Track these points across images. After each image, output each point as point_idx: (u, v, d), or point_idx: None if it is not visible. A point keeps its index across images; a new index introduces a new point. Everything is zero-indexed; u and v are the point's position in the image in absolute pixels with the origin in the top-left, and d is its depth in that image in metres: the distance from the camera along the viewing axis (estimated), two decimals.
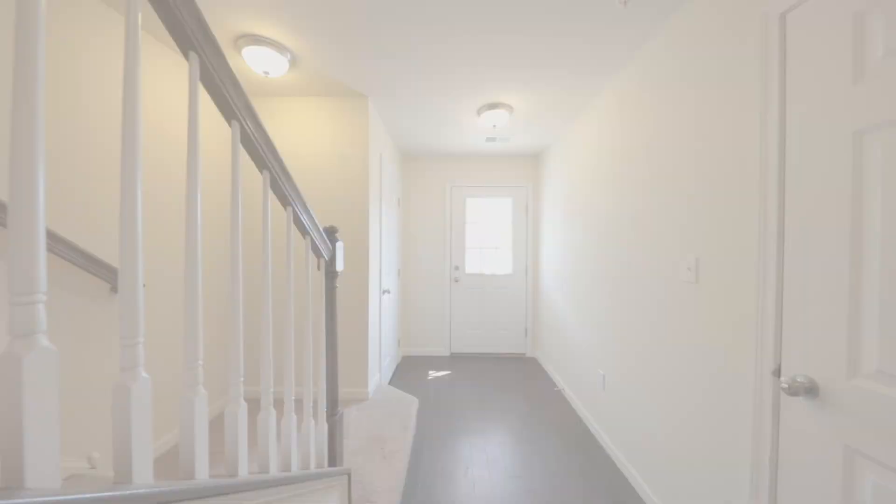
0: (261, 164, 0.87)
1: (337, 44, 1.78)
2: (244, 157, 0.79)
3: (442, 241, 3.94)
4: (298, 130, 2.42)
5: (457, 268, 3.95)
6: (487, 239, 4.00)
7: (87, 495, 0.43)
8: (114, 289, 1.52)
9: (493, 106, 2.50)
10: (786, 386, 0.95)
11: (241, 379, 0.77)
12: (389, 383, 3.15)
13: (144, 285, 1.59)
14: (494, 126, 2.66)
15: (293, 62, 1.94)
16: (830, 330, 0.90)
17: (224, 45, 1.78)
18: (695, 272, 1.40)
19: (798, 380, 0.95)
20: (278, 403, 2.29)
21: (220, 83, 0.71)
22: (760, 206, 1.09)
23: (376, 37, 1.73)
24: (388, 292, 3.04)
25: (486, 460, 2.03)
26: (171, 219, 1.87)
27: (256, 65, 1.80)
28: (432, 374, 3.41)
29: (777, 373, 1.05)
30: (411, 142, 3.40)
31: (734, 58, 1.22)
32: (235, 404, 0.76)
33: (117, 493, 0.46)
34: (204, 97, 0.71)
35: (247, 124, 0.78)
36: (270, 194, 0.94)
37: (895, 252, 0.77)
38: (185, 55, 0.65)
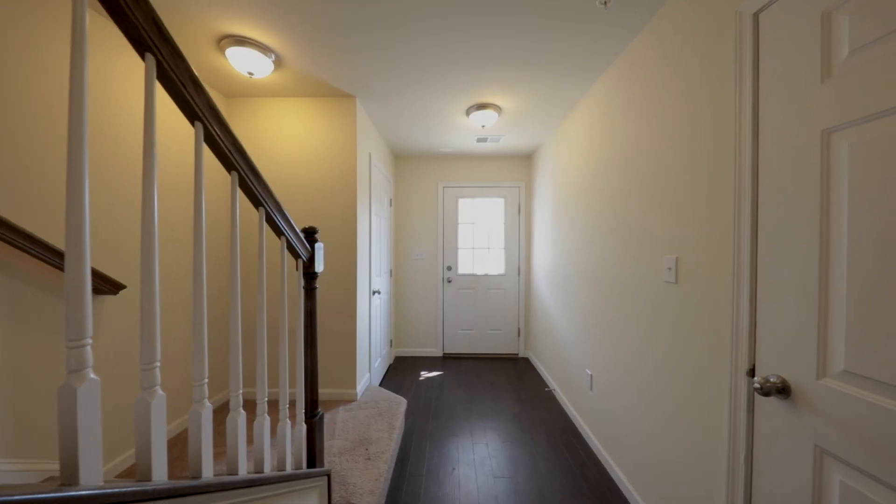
0: (228, 165, 0.87)
1: (321, 45, 1.78)
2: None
3: (434, 242, 3.94)
4: (285, 131, 2.42)
5: (449, 268, 3.95)
6: (480, 239, 4.00)
7: (22, 497, 0.43)
8: (94, 291, 1.52)
9: (481, 106, 2.50)
10: (758, 386, 0.95)
11: (205, 380, 0.77)
12: (381, 384, 3.14)
13: (126, 287, 1.59)
14: (483, 126, 2.66)
15: (278, 63, 1.94)
16: (801, 330, 0.89)
17: (206, 46, 1.78)
18: (675, 272, 1.39)
19: (771, 380, 0.95)
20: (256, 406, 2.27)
21: (181, 84, 0.71)
22: (735, 206, 1.09)
23: (361, 37, 1.73)
24: (379, 293, 3.04)
25: (473, 461, 2.03)
26: (165, 221, 1.86)
27: (241, 65, 1.80)
28: (424, 374, 3.41)
29: (752, 373, 1.05)
30: (402, 142, 3.40)
31: (712, 59, 1.22)
32: (199, 405, 0.76)
33: (56, 494, 0.46)
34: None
35: (211, 125, 0.78)
36: (242, 195, 0.94)
37: (860, 254, 0.77)
38: (142, 56, 0.65)
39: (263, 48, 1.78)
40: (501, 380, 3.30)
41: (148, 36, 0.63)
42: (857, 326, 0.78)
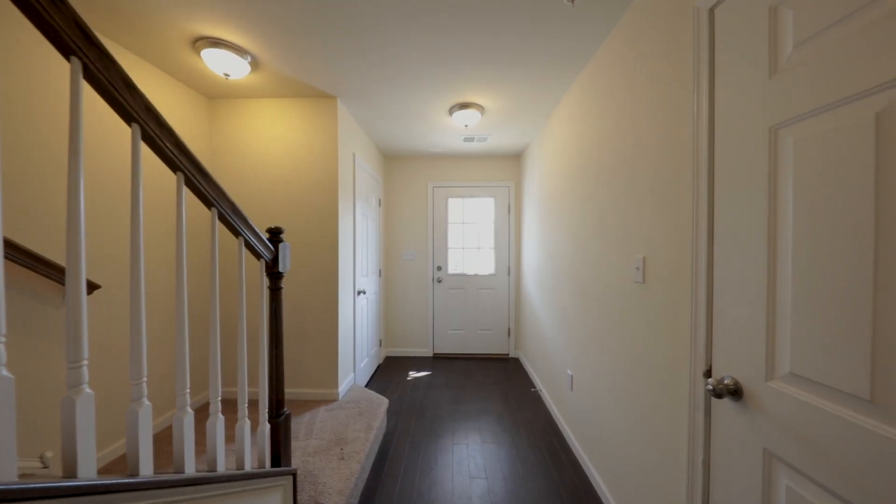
0: (172, 166, 0.87)
1: (297, 46, 1.79)
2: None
3: (425, 241, 3.94)
4: (266, 131, 2.43)
5: (439, 268, 3.94)
6: (470, 239, 3.99)
7: None
8: None
9: (464, 106, 2.49)
10: (710, 388, 0.94)
11: (144, 379, 0.78)
12: (368, 384, 3.15)
13: (100, 287, 1.61)
14: (466, 126, 2.65)
15: (255, 64, 1.95)
16: (752, 331, 0.88)
17: (183, 48, 1.80)
18: (642, 272, 1.38)
19: (725, 381, 0.93)
20: (226, 405, 2.26)
21: (112, 87, 0.71)
22: (693, 205, 1.08)
23: (337, 38, 1.73)
24: (364, 293, 3.04)
25: (451, 461, 2.02)
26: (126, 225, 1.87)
27: (216, 67, 1.81)
28: (412, 374, 3.41)
29: (709, 373, 1.04)
30: (390, 142, 3.40)
31: (676, 56, 1.20)
32: (137, 404, 0.77)
33: None
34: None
35: (149, 126, 0.79)
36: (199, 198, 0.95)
37: (804, 253, 0.76)
38: (67, 59, 0.65)
39: (238, 49, 1.80)
40: (489, 380, 3.29)
41: (71, 40, 0.64)
42: (800, 328, 0.76)
